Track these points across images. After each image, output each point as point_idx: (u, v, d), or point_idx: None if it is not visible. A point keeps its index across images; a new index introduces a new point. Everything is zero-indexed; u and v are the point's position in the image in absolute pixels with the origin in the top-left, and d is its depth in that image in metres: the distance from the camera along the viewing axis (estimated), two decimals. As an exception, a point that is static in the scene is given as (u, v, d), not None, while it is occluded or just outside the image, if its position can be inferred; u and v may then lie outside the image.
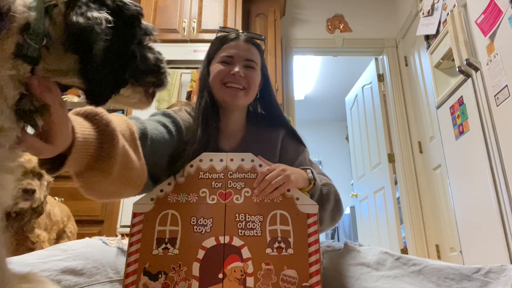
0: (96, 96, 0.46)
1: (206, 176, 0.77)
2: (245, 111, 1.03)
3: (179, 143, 0.86)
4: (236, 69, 0.94)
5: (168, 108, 0.99)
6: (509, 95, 1.68)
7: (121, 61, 0.47)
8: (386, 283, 0.76)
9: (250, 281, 0.69)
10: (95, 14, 0.44)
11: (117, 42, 0.45)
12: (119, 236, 0.88)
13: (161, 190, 0.76)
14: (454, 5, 2.08)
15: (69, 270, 0.72)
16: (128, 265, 0.70)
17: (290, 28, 3.48)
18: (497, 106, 1.78)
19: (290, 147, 1.02)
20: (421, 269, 0.78)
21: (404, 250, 2.94)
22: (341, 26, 3.49)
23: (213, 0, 2.90)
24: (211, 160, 0.78)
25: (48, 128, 0.47)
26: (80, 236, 2.04)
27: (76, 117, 0.58)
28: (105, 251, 0.80)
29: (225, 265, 0.70)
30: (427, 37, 2.46)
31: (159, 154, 0.80)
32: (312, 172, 0.85)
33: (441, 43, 2.24)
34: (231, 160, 0.78)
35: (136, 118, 0.79)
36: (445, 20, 2.18)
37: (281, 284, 0.69)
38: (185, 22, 2.82)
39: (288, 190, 0.77)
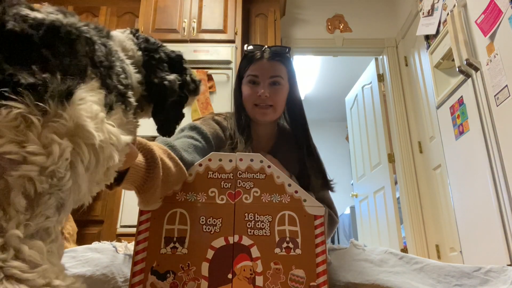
0: (165, 130, 0.65)
1: (215, 176, 0.77)
2: (275, 124, 1.14)
3: (210, 151, 0.93)
4: (262, 90, 1.03)
5: (196, 120, 1.10)
6: (509, 95, 1.69)
7: (180, 103, 0.65)
8: (387, 277, 0.78)
9: (259, 280, 0.69)
10: (172, 77, 0.61)
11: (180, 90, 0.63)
12: (125, 242, 0.87)
13: None
14: (454, 5, 2.08)
15: (78, 278, 0.71)
16: (135, 264, 0.70)
17: (290, 28, 3.49)
18: (497, 106, 1.78)
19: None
20: (422, 267, 0.81)
21: (404, 250, 2.95)
22: (341, 26, 3.49)
23: (213, 0, 2.90)
24: (220, 160, 0.79)
25: None
26: (80, 236, 2.04)
27: None
28: (115, 258, 0.80)
29: (234, 264, 0.71)
30: (427, 37, 2.47)
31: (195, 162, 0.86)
32: None
33: (441, 43, 2.25)
34: (240, 160, 0.79)
35: (163, 140, 0.83)
36: (445, 20, 2.19)
37: (289, 284, 0.70)
38: (185, 22, 2.82)
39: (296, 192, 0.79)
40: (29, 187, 0.35)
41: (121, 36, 0.59)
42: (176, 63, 0.67)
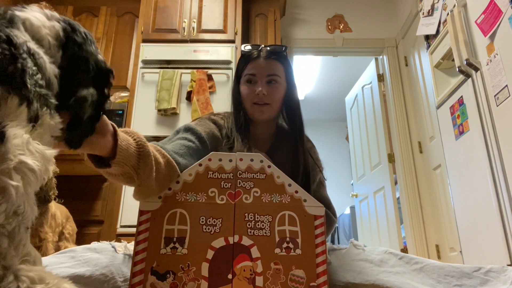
0: (73, 142, 0.57)
1: (215, 176, 0.77)
2: (273, 124, 1.14)
3: (205, 151, 0.93)
4: (259, 88, 1.04)
5: (193, 120, 1.10)
6: (509, 95, 1.69)
7: (96, 117, 0.59)
8: (387, 277, 0.78)
9: (259, 280, 0.69)
10: (84, 92, 0.55)
11: (97, 105, 0.57)
12: (125, 242, 0.87)
13: (169, 188, 0.76)
14: (454, 5, 2.08)
15: (77, 278, 0.71)
16: (134, 264, 0.70)
17: (290, 28, 3.49)
18: (497, 106, 1.78)
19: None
20: (422, 267, 0.81)
21: (404, 250, 2.95)
22: (341, 26, 3.49)
23: (213, 0, 2.90)
24: (220, 160, 0.78)
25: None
26: (80, 236, 2.04)
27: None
28: (114, 258, 0.80)
29: (234, 264, 0.71)
30: (427, 37, 2.46)
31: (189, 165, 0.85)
32: None
33: (441, 43, 2.25)
34: (241, 160, 0.79)
35: (152, 144, 0.82)
36: (445, 20, 2.19)
37: (289, 284, 0.70)
38: (185, 22, 2.82)
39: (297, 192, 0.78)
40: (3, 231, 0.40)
41: (34, 20, 0.50)
42: (103, 74, 0.59)
